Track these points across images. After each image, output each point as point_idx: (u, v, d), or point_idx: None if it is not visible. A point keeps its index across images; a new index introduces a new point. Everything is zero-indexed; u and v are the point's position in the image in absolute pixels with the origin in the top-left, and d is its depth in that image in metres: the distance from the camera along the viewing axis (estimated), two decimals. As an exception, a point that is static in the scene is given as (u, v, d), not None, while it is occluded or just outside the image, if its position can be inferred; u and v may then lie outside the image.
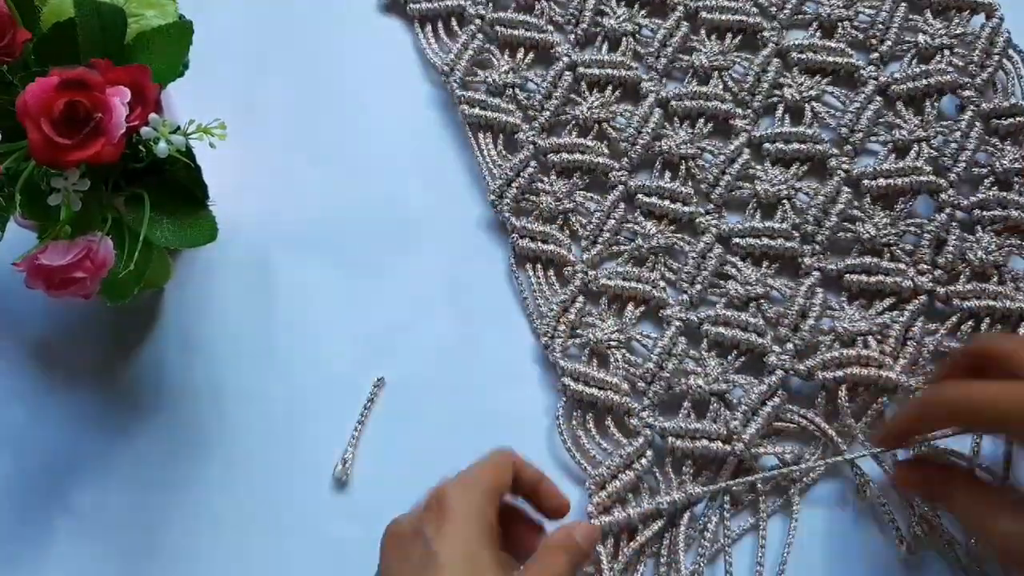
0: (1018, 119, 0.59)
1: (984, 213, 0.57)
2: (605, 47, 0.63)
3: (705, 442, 0.53)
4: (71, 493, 0.55)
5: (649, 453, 0.53)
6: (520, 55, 0.63)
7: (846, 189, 0.58)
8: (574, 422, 0.55)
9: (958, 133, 0.59)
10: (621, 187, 0.59)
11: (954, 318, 0.56)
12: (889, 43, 0.62)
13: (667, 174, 0.60)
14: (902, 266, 0.56)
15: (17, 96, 0.42)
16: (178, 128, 0.45)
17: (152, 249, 0.47)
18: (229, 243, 0.58)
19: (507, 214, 0.59)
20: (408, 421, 0.56)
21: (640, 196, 0.59)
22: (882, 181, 0.58)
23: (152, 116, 0.45)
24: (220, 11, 0.64)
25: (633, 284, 0.57)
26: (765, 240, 0.57)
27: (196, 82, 0.51)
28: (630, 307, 0.57)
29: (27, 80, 0.43)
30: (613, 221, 0.59)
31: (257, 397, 0.56)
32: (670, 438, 0.53)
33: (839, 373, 0.54)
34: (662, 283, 0.57)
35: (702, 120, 0.61)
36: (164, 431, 0.56)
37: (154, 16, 0.50)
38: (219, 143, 0.46)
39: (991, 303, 0.55)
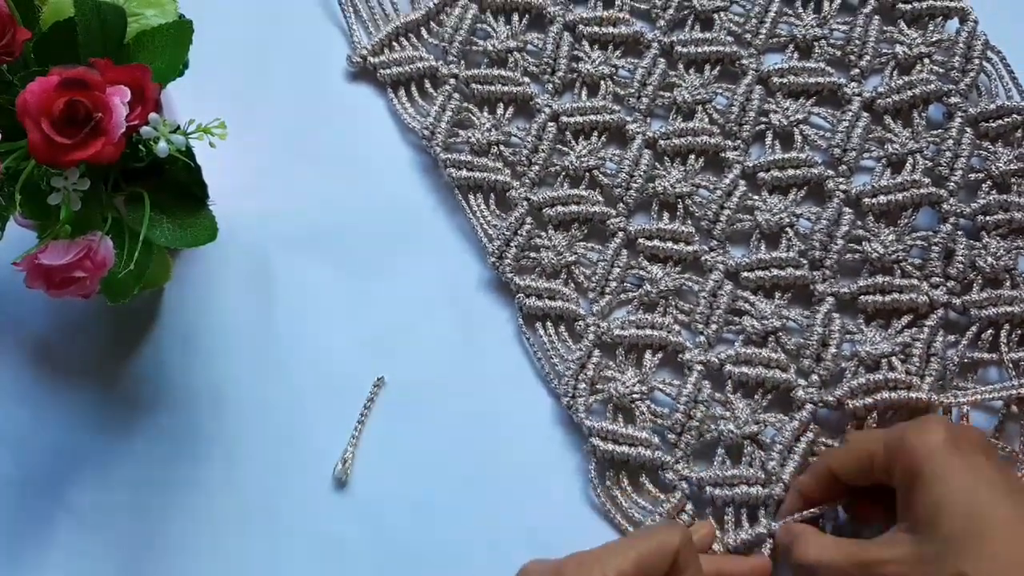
0: (1006, 120, 0.59)
1: (987, 218, 0.57)
2: (584, 93, 0.62)
3: (744, 488, 0.51)
4: (71, 493, 0.55)
5: (689, 506, 0.52)
6: (500, 110, 0.62)
7: (847, 210, 0.57)
8: (608, 482, 0.53)
9: (950, 141, 0.58)
10: (621, 234, 0.58)
11: (974, 328, 0.55)
12: (868, 58, 0.61)
13: (665, 215, 0.59)
14: (915, 281, 0.56)
15: (17, 95, 0.42)
16: (178, 128, 0.45)
17: (152, 249, 0.47)
18: (229, 243, 0.58)
19: (509, 274, 0.58)
20: (408, 421, 0.56)
21: (641, 240, 0.58)
22: (882, 198, 0.57)
23: (152, 116, 0.45)
24: (220, 11, 0.62)
25: (648, 332, 0.56)
26: (774, 271, 0.57)
27: (196, 82, 0.51)
28: (648, 355, 0.56)
29: (27, 80, 0.43)
30: (618, 269, 0.57)
31: (257, 397, 0.56)
32: (708, 488, 0.52)
33: (869, 400, 0.53)
34: (676, 327, 0.56)
35: (693, 156, 0.60)
36: (164, 431, 0.56)
37: (154, 15, 0.51)
38: (219, 143, 0.46)
39: (1008, 309, 0.54)
